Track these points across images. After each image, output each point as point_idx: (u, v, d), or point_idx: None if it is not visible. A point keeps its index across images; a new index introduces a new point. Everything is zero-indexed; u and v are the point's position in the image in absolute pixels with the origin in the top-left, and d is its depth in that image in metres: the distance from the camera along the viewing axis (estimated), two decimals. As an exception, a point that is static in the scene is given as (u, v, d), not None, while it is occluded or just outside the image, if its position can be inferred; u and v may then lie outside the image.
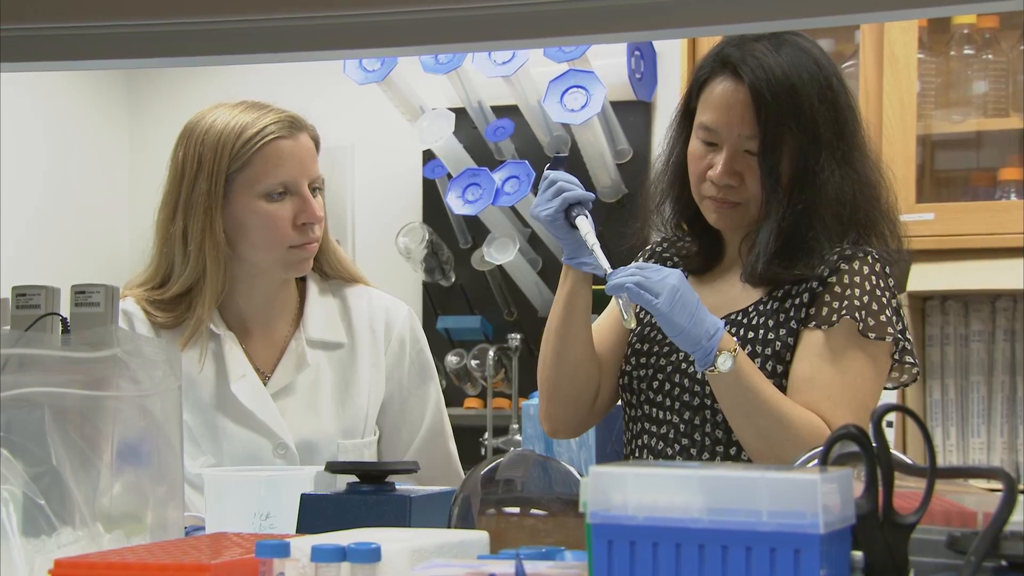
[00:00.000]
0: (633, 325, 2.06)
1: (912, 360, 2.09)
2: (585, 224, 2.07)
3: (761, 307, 2.11)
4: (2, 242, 3.80)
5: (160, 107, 4.40)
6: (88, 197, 4.36)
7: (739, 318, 2.12)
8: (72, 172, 4.30)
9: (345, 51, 1.78)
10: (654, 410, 2.16)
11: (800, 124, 2.06)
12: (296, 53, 1.62)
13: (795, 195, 2.08)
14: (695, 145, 2.13)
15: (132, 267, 2.47)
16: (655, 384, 2.15)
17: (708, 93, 2.11)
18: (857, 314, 2.04)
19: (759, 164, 2.07)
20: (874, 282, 2.07)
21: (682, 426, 2.12)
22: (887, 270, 2.09)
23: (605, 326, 2.26)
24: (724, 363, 1.97)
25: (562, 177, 2.11)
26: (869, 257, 2.08)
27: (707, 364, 1.98)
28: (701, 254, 2.22)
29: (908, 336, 2.09)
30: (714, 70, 2.11)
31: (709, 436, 2.10)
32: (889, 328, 2.05)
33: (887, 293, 2.08)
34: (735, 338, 2.07)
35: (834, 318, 2.05)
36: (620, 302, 2.02)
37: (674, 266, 2.25)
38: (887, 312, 2.06)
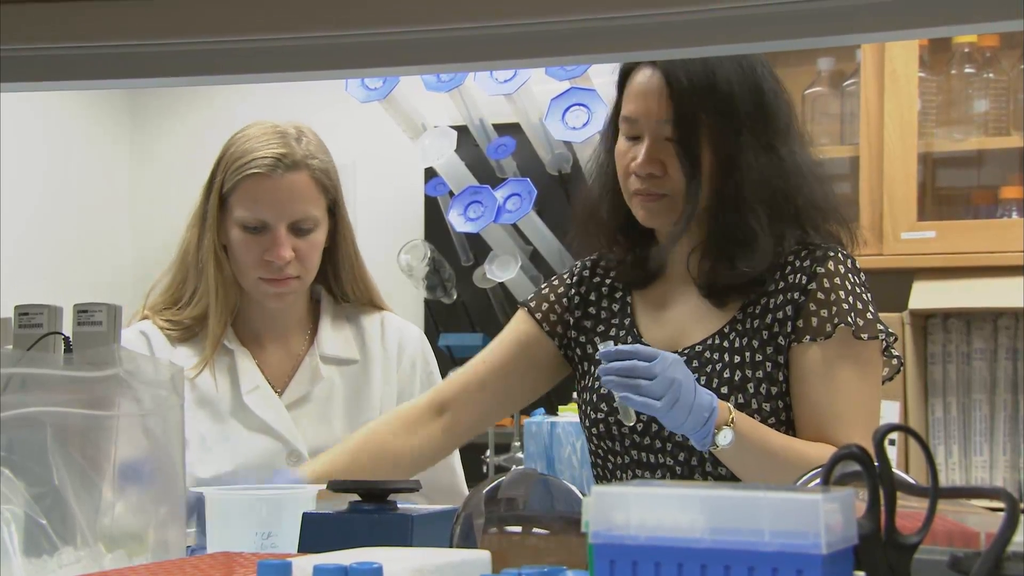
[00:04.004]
0: (633, 422, 1.95)
1: (896, 353, 2.06)
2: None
3: (739, 327, 2.04)
4: (1, 247, 3.80)
5: (161, 114, 4.41)
6: (88, 200, 4.36)
7: (717, 342, 2.04)
8: (72, 178, 4.31)
9: (347, 70, 1.79)
10: (643, 454, 2.06)
11: (717, 105, 2.00)
12: (298, 73, 1.62)
13: (719, 181, 2.01)
14: (620, 142, 2.07)
15: (133, 274, 2.50)
16: (639, 426, 2.04)
17: (629, 86, 2.06)
18: (848, 318, 1.99)
19: (676, 148, 2.01)
20: (852, 280, 2.02)
21: (679, 468, 2.03)
22: (857, 265, 2.05)
23: (499, 352, 2.18)
24: (724, 439, 1.89)
25: None
26: (839, 254, 2.04)
27: (707, 445, 1.89)
28: (639, 266, 2.13)
29: (890, 330, 2.05)
30: (634, 64, 2.05)
31: (712, 475, 2.00)
32: (878, 325, 2.01)
33: (863, 288, 2.03)
34: (719, 363, 2.01)
35: (828, 328, 1.99)
36: (618, 399, 1.90)
37: (611, 286, 2.17)
38: (871, 309, 2.02)
